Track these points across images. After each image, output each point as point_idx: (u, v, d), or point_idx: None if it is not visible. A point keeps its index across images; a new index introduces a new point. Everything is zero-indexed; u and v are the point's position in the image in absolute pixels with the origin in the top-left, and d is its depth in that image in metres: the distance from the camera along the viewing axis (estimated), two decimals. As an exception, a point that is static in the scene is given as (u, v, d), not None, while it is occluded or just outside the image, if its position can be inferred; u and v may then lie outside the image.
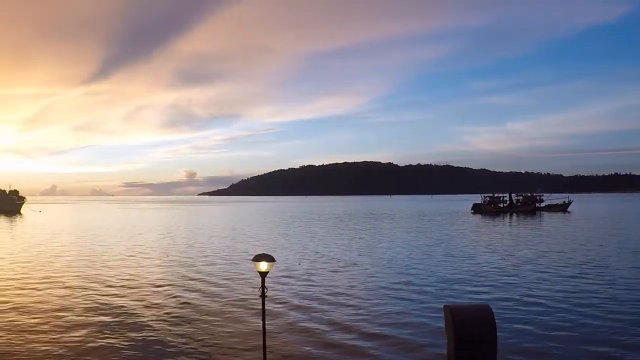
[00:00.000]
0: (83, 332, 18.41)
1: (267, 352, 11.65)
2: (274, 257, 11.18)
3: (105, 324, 19.51)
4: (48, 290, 26.34)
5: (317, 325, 19.51)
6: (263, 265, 10.80)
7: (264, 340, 11.46)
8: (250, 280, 28.39)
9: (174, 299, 24.11)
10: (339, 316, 21.00)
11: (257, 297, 11.27)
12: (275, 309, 21.58)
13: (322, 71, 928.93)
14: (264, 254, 11.09)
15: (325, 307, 22.68)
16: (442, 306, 11.77)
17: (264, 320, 11.25)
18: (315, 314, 21.46)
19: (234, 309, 21.97)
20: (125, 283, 28.47)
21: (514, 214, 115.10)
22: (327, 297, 24.86)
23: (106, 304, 23.24)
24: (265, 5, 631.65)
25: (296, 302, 23.68)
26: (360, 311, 21.97)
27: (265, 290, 10.93)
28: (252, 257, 11.27)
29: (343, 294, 25.72)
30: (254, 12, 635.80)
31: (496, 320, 11.00)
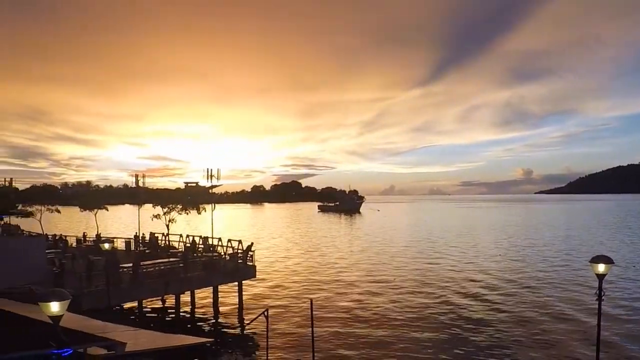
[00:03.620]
0: (411, 313, 21.29)
1: (600, 353, 11.45)
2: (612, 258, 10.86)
3: (439, 320, 21.02)
4: (379, 285, 29.09)
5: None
6: (601, 267, 10.58)
7: (598, 342, 11.31)
8: (586, 281, 27.29)
9: (507, 297, 24.63)
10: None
11: (594, 299, 11.16)
12: (612, 312, 20.29)
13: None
14: (601, 255, 10.81)
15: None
16: None
17: (599, 322, 11.06)
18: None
19: (568, 309, 21.59)
20: (457, 281, 29.35)
21: None
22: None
23: (437, 299, 24.85)
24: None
25: (633, 305, 21.86)
26: None
27: (603, 292, 10.74)
28: (588, 258, 11.20)
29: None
30: (582, 1, 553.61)
31: None
